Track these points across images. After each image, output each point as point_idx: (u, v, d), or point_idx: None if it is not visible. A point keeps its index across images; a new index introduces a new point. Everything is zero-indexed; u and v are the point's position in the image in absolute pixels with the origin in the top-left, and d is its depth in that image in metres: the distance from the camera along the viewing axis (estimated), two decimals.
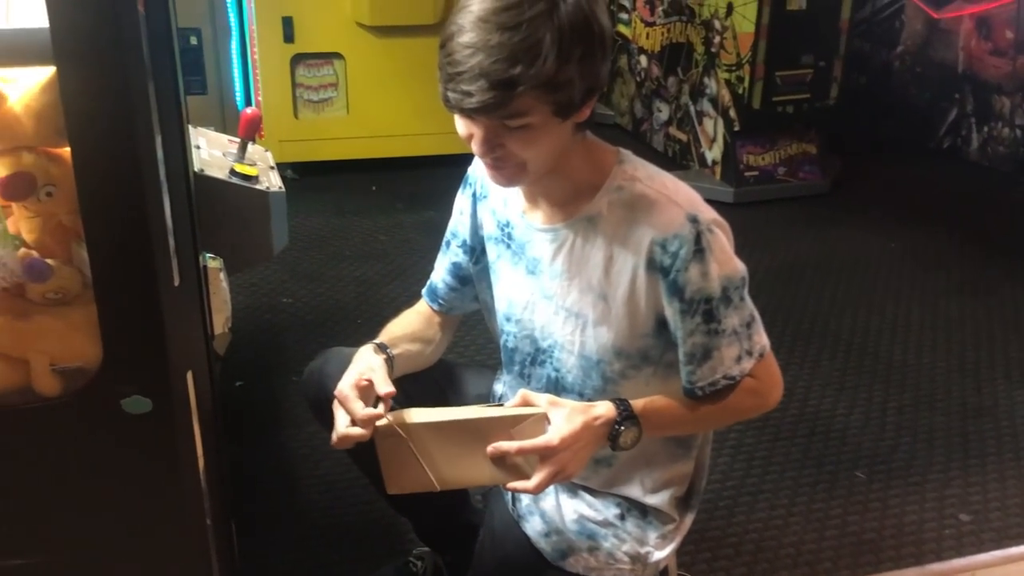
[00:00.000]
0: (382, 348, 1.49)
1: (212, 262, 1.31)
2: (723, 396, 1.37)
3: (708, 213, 1.33)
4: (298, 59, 3.99)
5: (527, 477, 1.28)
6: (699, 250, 1.30)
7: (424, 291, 1.66)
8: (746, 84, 3.97)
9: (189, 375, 1.26)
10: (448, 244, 1.61)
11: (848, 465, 2.44)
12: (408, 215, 3.90)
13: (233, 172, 1.64)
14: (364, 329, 3.13)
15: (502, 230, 1.49)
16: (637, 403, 1.35)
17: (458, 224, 1.59)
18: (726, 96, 4.10)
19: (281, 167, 4.10)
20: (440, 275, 1.63)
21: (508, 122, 1.22)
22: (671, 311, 1.34)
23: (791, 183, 4.15)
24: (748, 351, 1.37)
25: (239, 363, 2.75)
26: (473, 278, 1.60)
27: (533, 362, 1.48)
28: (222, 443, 1.39)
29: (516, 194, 1.45)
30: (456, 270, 1.60)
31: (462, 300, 1.63)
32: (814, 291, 3.38)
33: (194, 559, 1.34)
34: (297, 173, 4.16)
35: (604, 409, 1.33)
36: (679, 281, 1.31)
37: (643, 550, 1.48)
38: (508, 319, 1.50)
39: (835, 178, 4.22)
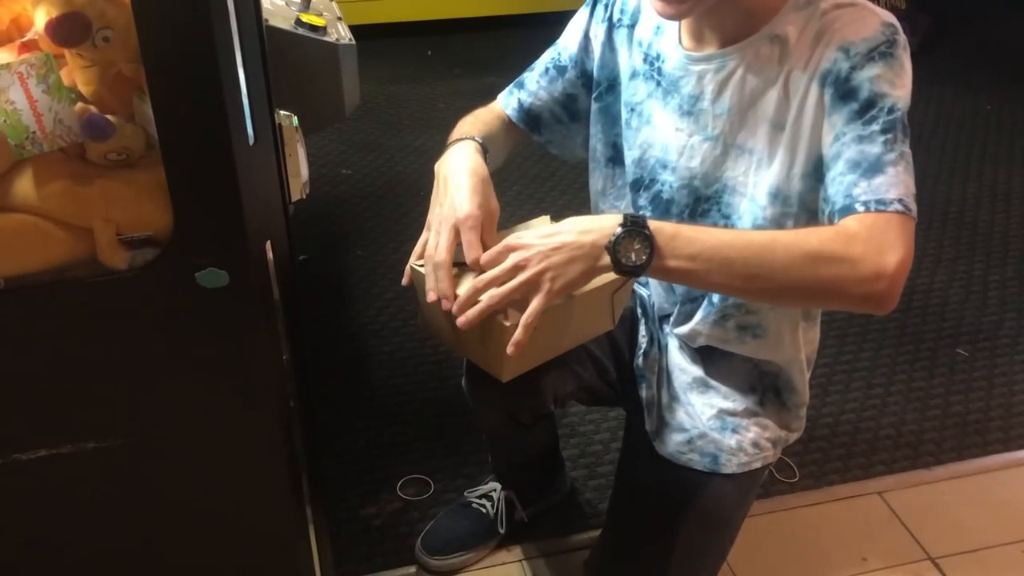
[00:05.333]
0: (484, 153, 1.28)
1: (287, 120, 1.17)
2: (849, 231, 1.06)
3: (903, 35, 1.13)
4: None
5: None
6: (888, 53, 1.10)
7: (512, 110, 1.43)
8: None
9: (268, 245, 1.13)
10: (562, 70, 1.40)
11: (948, 342, 2.30)
12: (467, 81, 3.69)
13: (299, 22, 1.47)
14: (427, 200, 3.00)
15: (651, 64, 1.30)
16: (660, 222, 1.09)
17: (581, 51, 1.39)
18: None
19: None
20: (544, 102, 1.42)
21: None
22: (833, 122, 1.12)
23: None
24: None
25: (301, 237, 2.64)
26: (587, 118, 1.41)
27: (693, 214, 1.30)
28: (303, 319, 1.28)
29: (672, 23, 1.27)
30: (570, 103, 1.41)
31: (567, 139, 1.45)
32: None
33: (276, 441, 1.25)
34: None
35: (603, 220, 1.08)
36: (853, 81, 1.10)
37: (782, 433, 1.39)
38: (664, 166, 1.31)
39: (924, 36, 3.91)
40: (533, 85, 1.43)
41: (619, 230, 1.06)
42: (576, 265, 1.08)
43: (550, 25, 4.07)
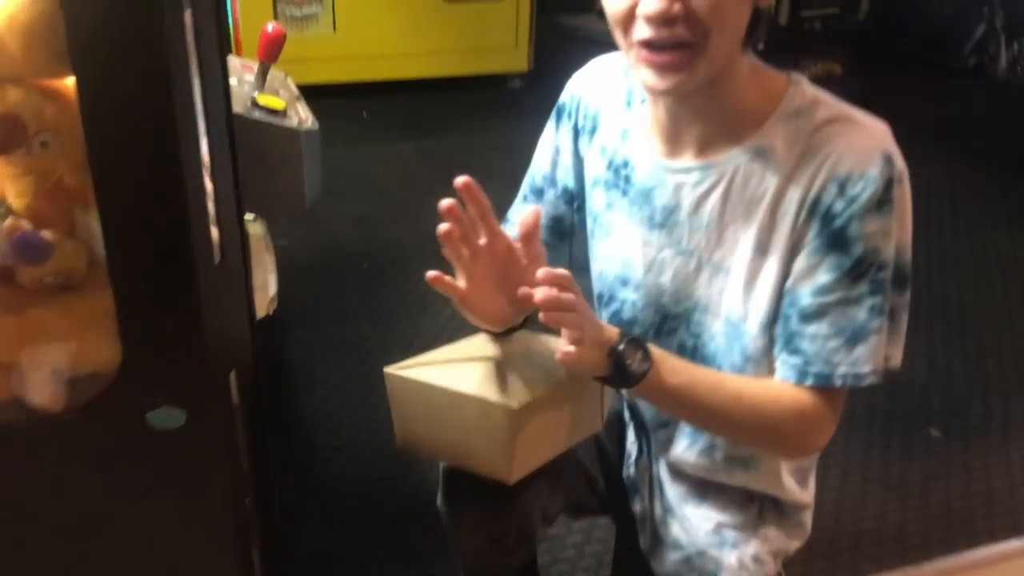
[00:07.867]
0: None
1: (254, 227, 1.02)
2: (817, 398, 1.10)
3: (901, 160, 1.06)
4: None
5: None
6: (886, 201, 1.03)
7: None
8: None
9: (232, 376, 0.97)
10: (539, 193, 1.31)
11: (920, 421, 2.23)
12: (405, 145, 3.56)
13: (255, 104, 1.33)
14: (371, 272, 2.86)
15: (616, 172, 1.20)
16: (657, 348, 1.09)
17: (557, 167, 1.29)
18: None
19: None
20: None
21: None
22: (815, 262, 1.06)
23: None
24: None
25: None
26: (573, 232, 1.31)
27: (659, 332, 1.20)
28: (269, 456, 1.11)
29: (643, 127, 1.17)
30: (556, 225, 1.31)
31: (559, 259, 1.32)
32: None
33: None
34: None
35: (610, 332, 1.06)
36: (849, 232, 1.04)
37: (783, 543, 1.29)
38: (625, 283, 1.21)
39: (860, 101, 3.95)
40: (517, 217, 1.31)
41: (619, 341, 1.05)
42: (595, 351, 1.04)
43: (487, 87, 4.01)
